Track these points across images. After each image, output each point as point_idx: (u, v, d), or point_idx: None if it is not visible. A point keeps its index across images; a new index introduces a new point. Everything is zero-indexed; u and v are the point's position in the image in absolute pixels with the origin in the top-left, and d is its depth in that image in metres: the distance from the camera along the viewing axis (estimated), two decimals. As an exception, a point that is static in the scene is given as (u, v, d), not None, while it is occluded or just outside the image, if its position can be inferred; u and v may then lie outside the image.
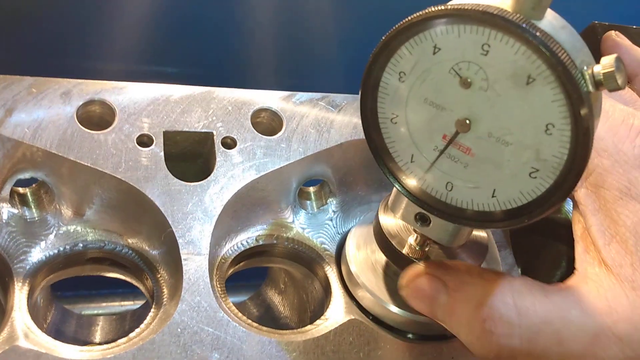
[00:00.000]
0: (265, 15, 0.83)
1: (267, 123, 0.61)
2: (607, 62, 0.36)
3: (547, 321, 0.41)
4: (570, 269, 0.61)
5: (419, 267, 0.48)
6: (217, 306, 0.50)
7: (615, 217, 0.44)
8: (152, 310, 0.52)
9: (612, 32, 0.63)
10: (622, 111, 0.46)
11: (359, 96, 0.64)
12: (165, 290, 0.53)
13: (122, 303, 1.00)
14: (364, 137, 0.61)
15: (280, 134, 0.60)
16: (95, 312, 0.97)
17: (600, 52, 0.63)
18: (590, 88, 0.36)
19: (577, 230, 0.46)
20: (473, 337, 0.43)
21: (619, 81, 0.36)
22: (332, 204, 0.63)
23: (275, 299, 0.74)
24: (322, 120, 0.62)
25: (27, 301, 0.50)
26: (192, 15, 0.82)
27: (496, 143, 0.40)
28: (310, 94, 0.63)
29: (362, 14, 0.86)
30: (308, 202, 0.64)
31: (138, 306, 0.92)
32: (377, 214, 0.54)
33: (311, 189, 0.64)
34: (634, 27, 0.67)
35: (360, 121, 0.62)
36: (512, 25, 0.36)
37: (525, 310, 0.41)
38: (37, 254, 0.53)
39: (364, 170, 0.64)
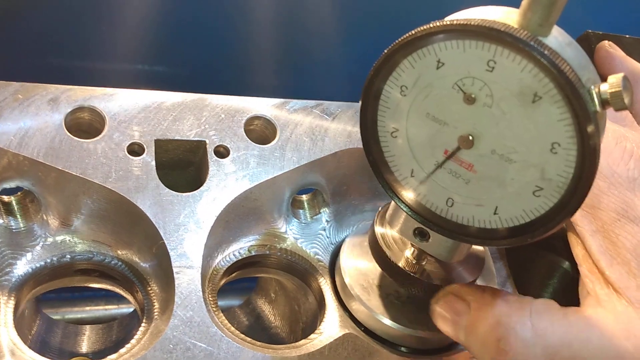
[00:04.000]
0: (262, 15, 0.81)
1: (261, 131, 0.60)
2: (614, 81, 0.36)
3: (566, 343, 0.41)
4: (563, 281, 0.61)
5: (448, 289, 0.48)
6: (210, 321, 0.49)
7: (614, 239, 0.44)
8: (143, 324, 0.51)
9: (606, 43, 0.63)
10: (615, 132, 0.47)
11: (354, 104, 0.64)
12: (156, 304, 0.52)
13: (107, 307, 0.98)
14: (358, 146, 0.61)
15: (274, 142, 0.58)
16: (79, 316, 0.95)
17: (594, 62, 0.63)
18: (597, 108, 0.36)
19: (578, 252, 0.46)
20: (488, 357, 0.42)
21: (626, 100, 0.36)
22: (325, 213, 0.62)
23: (266, 308, 0.72)
24: (316, 128, 0.61)
25: (13, 316, 0.48)
26: (187, 14, 0.81)
27: (500, 160, 0.40)
28: (304, 101, 0.62)
29: (362, 16, 0.85)
30: (301, 211, 0.62)
31: (123, 311, 0.91)
32: (372, 225, 0.53)
33: (304, 197, 0.63)
34: (627, 36, 0.67)
35: (354, 129, 0.62)
36: (519, 42, 0.35)
37: (542, 331, 0.41)
38: (22, 266, 0.51)
39: (358, 179, 0.63)
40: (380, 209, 0.55)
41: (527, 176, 0.39)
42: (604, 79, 0.39)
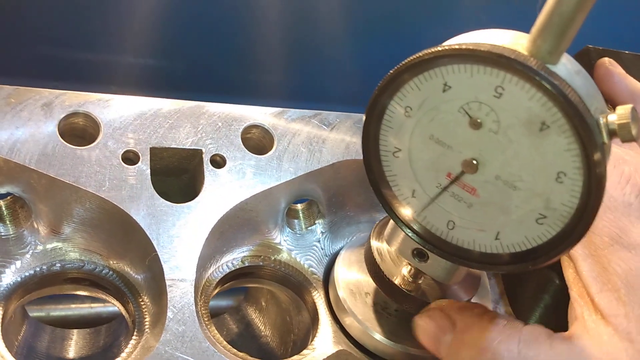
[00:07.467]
0: (267, 13, 0.80)
1: (258, 140, 0.59)
2: (622, 112, 0.35)
3: None
4: (556, 296, 0.61)
5: (436, 303, 0.48)
6: (202, 336, 0.48)
7: (605, 264, 0.43)
8: (134, 337, 0.50)
9: (606, 60, 0.62)
10: (613, 155, 0.46)
11: (353, 115, 0.63)
12: (147, 317, 0.51)
13: (92, 305, 0.97)
14: (356, 157, 0.61)
15: (271, 152, 0.58)
16: (65, 313, 0.94)
17: (593, 78, 0.62)
18: (605, 139, 0.35)
19: (569, 275, 0.46)
20: None
21: (634, 132, 0.35)
22: (320, 224, 0.61)
23: (256, 316, 0.72)
24: (314, 138, 0.60)
25: (0, 326, 0.47)
26: (189, 10, 0.79)
27: (504, 187, 0.39)
28: (302, 111, 0.61)
29: (369, 18, 0.83)
30: (296, 221, 0.62)
31: (110, 309, 0.89)
32: (369, 240, 0.53)
33: (299, 207, 0.62)
34: (627, 52, 0.66)
35: (353, 140, 0.61)
36: (529, 70, 0.35)
37: None
38: (11, 275, 0.50)
39: (355, 190, 0.62)
40: (377, 223, 0.54)
41: (531, 204, 0.38)
42: (605, 98, 0.38)
